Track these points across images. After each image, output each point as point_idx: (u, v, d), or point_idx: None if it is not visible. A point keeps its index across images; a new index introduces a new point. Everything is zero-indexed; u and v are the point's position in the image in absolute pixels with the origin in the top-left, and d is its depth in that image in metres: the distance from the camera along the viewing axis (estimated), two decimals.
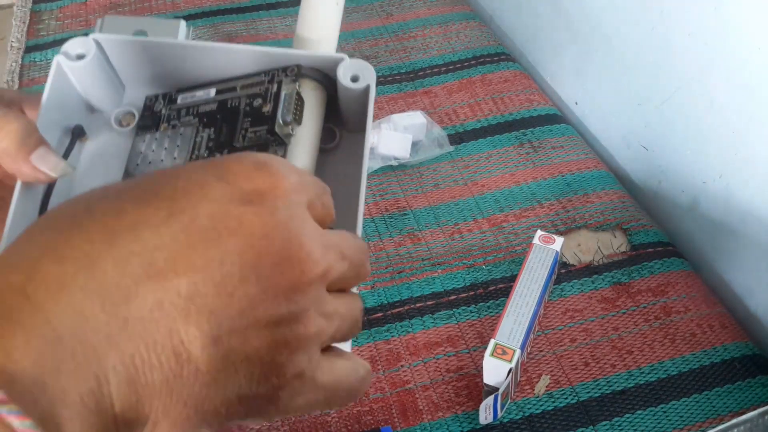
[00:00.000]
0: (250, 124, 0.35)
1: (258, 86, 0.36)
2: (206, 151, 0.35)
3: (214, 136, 0.35)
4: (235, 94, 0.36)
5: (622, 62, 0.61)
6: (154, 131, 0.37)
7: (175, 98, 0.38)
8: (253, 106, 0.35)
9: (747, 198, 0.50)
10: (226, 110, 0.36)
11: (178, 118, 0.37)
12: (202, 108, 0.37)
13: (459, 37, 0.77)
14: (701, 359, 0.48)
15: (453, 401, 0.47)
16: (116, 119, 0.38)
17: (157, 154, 0.36)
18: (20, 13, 0.84)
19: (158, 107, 0.38)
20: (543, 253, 0.49)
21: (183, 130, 0.36)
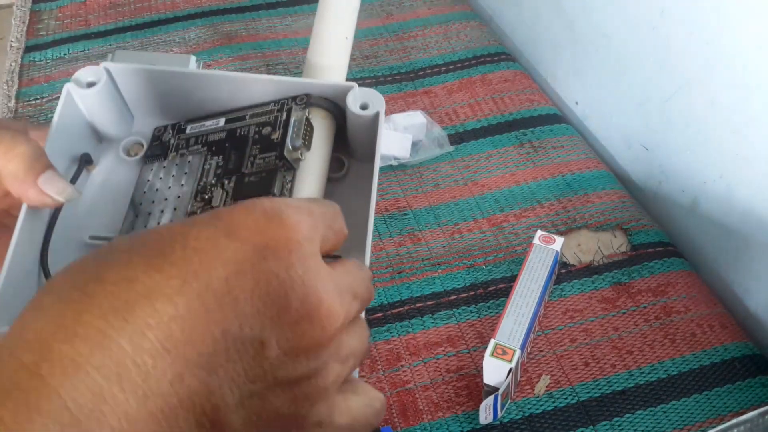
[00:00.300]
0: (258, 150, 0.35)
1: (267, 115, 0.36)
2: (214, 178, 0.35)
3: (222, 163, 0.35)
4: (245, 123, 0.36)
5: (623, 62, 0.61)
6: (162, 160, 0.36)
7: (184, 128, 0.37)
8: (262, 134, 0.35)
9: (747, 198, 0.50)
10: (235, 138, 0.36)
11: (186, 147, 0.37)
12: (211, 137, 0.36)
13: (459, 36, 0.77)
14: (701, 359, 0.48)
15: (453, 401, 0.47)
16: (124, 149, 0.38)
17: (165, 182, 0.36)
18: (20, 12, 0.84)
19: (167, 137, 0.37)
20: (543, 253, 0.49)
21: (191, 158, 0.36)
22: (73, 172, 0.34)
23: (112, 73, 0.36)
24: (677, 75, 0.54)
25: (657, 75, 0.56)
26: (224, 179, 0.35)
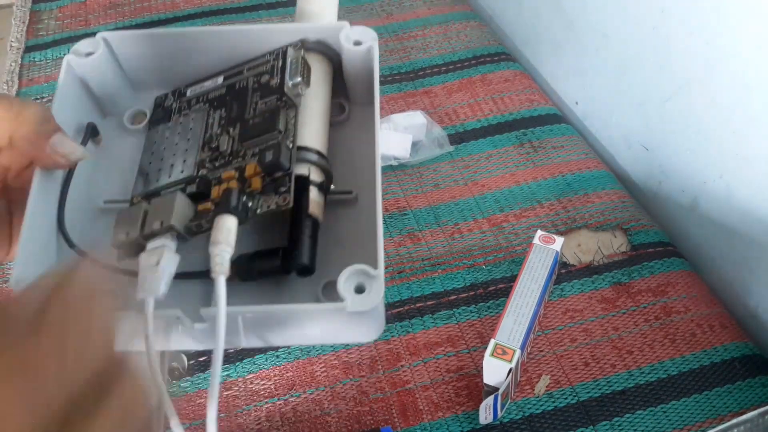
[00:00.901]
0: (259, 97, 0.35)
1: (264, 65, 0.36)
2: (219, 128, 0.35)
3: (225, 114, 0.36)
4: (243, 76, 0.37)
5: (623, 62, 0.61)
6: (167, 122, 0.37)
7: (185, 92, 0.38)
8: (261, 82, 0.36)
9: (747, 198, 0.50)
10: (235, 91, 0.36)
11: (188, 107, 0.37)
12: (212, 94, 0.37)
13: (459, 36, 0.77)
14: (701, 359, 0.48)
15: (453, 401, 0.47)
16: (128, 119, 0.38)
17: (171, 141, 0.36)
18: (20, 12, 0.84)
19: (168, 102, 0.38)
20: (543, 253, 0.49)
21: (194, 116, 0.36)
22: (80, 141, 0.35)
23: (109, 41, 0.37)
24: (677, 75, 0.54)
25: (657, 75, 0.56)
26: (228, 128, 0.35)
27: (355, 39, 0.36)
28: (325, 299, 0.33)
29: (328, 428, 0.46)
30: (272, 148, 0.32)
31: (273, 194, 0.31)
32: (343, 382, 0.48)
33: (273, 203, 0.31)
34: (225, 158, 0.34)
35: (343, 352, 0.49)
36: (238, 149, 0.34)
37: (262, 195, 0.31)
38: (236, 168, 0.33)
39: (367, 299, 0.30)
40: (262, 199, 0.31)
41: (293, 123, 0.34)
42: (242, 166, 0.33)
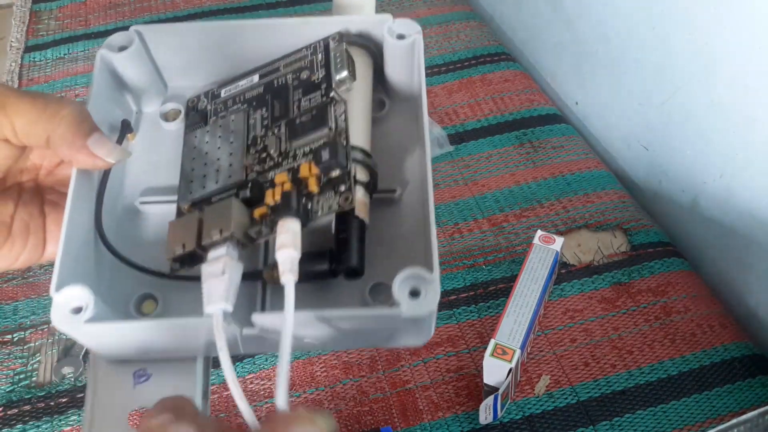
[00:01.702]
0: (302, 94, 0.34)
1: (301, 60, 0.35)
2: (262, 129, 0.34)
3: (267, 113, 0.34)
4: (280, 73, 0.35)
5: (623, 62, 0.61)
6: (203, 126, 0.36)
7: (218, 93, 0.37)
8: (301, 78, 0.34)
9: (747, 198, 0.50)
10: (274, 89, 0.35)
11: (225, 109, 0.36)
12: (249, 93, 0.36)
13: (459, 36, 0.77)
14: (701, 359, 0.48)
15: (453, 401, 0.47)
16: (162, 115, 0.37)
17: (212, 145, 0.35)
18: (20, 12, 0.84)
19: (202, 105, 0.37)
20: (543, 253, 0.49)
21: (234, 117, 0.35)
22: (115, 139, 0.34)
23: (143, 34, 0.35)
24: (677, 75, 0.54)
25: (657, 75, 0.56)
26: (273, 128, 0.34)
27: (398, 32, 0.35)
28: (373, 301, 0.32)
29: None
30: (327, 146, 0.30)
31: (333, 194, 0.30)
32: (343, 382, 0.48)
33: (335, 203, 0.30)
34: (274, 160, 0.33)
35: (343, 352, 0.49)
36: (287, 150, 0.33)
37: (321, 197, 0.30)
38: (288, 170, 0.32)
39: (423, 304, 0.28)
40: (321, 200, 0.30)
41: (343, 119, 0.32)
42: (294, 167, 0.32)
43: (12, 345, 0.51)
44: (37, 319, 0.53)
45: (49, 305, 0.54)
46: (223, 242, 0.29)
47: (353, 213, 0.31)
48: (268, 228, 0.30)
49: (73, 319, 0.28)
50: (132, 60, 0.35)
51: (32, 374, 0.50)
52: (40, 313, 0.53)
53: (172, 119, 0.37)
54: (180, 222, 0.31)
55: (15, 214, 0.33)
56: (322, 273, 0.31)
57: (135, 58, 0.35)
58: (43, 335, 0.52)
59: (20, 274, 0.56)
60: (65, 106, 0.30)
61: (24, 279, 0.55)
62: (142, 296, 0.32)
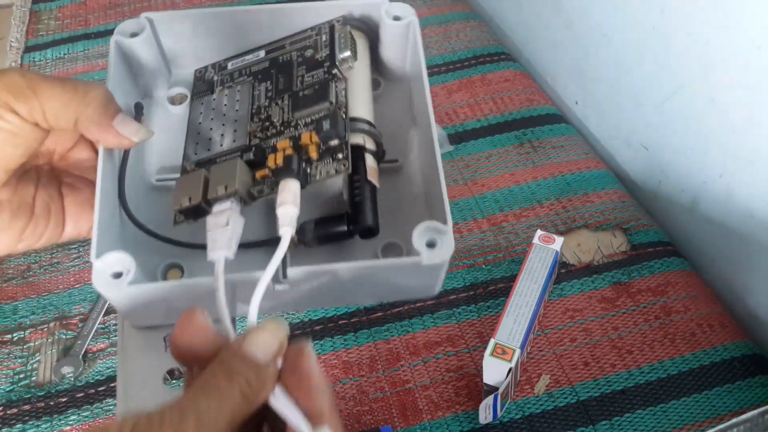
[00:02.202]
0: (305, 70, 0.36)
1: (307, 40, 0.37)
2: (266, 100, 0.36)
3: (272, 86, 0.37)
4: (285, 50, 0.38)
5: (623, 62, 0.61)
6: (210, 94, 0.38)
7: (225, 65, 0.39)
8: (305, 56, 0.37)
9: (747, 198, 0.50)
10: (279, 65, 0.37)
11: (231, 80, 0.38)
12: (255, 67, 0.38)
13: (459, 36, 0.77)
14: (701, 359, 0.48)
15: (453, 401, 0.47)
16: (169, 99, 0.39)
17: (218, 112, 0.37)
18: (19, 12, 0.84)
19: (209, 75, 0.39)
20: (543, 252, 0.49)
21: (240, 87, 0.37)
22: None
23: (153, 21, 0.37)
24: (677, 74, 0.54)
25: (657, 74, 0.56)
26: (277, 99, 0.36)
27: (395, 14, 0.37)
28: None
29: None
30: (328, 117, 0.33)
31: (331, 161, 0.32)
32: (342, 382, 0.48)
33: (332, 169, 0.32)
34: (277, 128, 0.35)
35: (342, 352, 0.49)
36: (290, 120, 0.35)
37: (320, 162, 0.33)
38: (290, 137, 0.34)
39: (440, 252, 0.31)
40: (320, 166, 0.32)
41: (344, 95, 0.35)
42: (296, 135, 0.34)
43: (12, 345, 0.51)
44: (37, 319, 0.53)
45: (48, 305, 0.54)
46: (228, 197, 0.31)
47: (365, 178, 0.34)
48: (269, 188, 0.32)
49: (115, 283, 0.30)
50: (143, 46, 0.37)
51: (32, 374, 0.50)
52: (40, 313, 0.53)
53: (178, 103, 0.39)
54: (187, 178, 0.33)
55: (36, 196, 0.34)
56: (340, 234, 0.34)
57: (146, 44, 0.37)
58: (43, 335, 0.52)
59: (20, 273, 0.56)
60: (93, 89, 0.32)
61: (24, 279, 0.55)
62: (167, 266, 0.35)
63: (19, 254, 0.57)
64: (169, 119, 0.39)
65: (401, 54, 0.39)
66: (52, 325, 0.52)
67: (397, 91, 0.39)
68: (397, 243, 0.35)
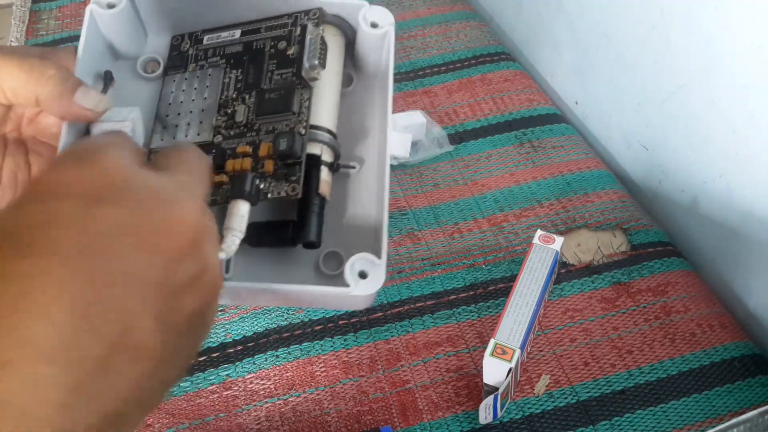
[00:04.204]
0: (275, 66, 0.36)
1: (282, 28, 0.37)
2: (234, 92, 0.37)
3: (242, 77, 0.37)
4: (260, 36, 0.38)
5: (623, 61, 0.61)
6: (183, 71, 0.38)
7: (201, 38, 0.39)
8: (277, 48, 0.37)
9: (747, 198, 0.50)
10: (252, 51, 0.37)
11: (205, 58, 0.38)
12: (228, 49, 0.38)
13: (459, 36, 0.77)
14: (701, 359, 0.48)
15: (453, 401, 0.47)
16: (141, 66, 0.39)
17: (188, 95, 0.37)
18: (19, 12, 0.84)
19: (185, 47, 0.39)
20: (543, 252, 0.49)
21: (211, 71, 0.38)
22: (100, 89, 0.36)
23: None
24: (677, 74, 0.54)
25: (657, 74, 0.56)
26: (245, 94, 0.36)
27: (372, 20, 0.37)
28: (325, 268, 0.36)
29: (327, 428, 0.46)
30: (286, 135, 0.34)
31: (284, 182, 0.33)
32: (342, 382, 0.48)
33: (283, 191, 0.33)
34: (240, 129, 0.36)
35: (342, 352, 0.49)
36: (253, 122, 0.35)
37: (274, 179, 0.34)
38: (249, 143, 0.35)
39: (369, 284, 0.33)
40: (273, 183, 0.34)
41: (307, 105, 0.35)
42: (256, 142, 0.35)
43: None
44: None
45: None
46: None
47: (316, 191, 0.35)
48: (222, 198, 0.33)
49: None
50: (120, 16, 0.37)
51: None
52: None
53: (150, 71, 0.39)
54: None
55: (3, 165, 0.34)
56: (283, 241, 0.36)
57: (123, 15, 0.37)
58: None
59: None
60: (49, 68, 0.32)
61: None
62: None
63: None
64: (140, 85, 0.39)
65: (377, 59, 0.39)
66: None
67: (370, 88, 0.40)
68: (338, 252, 0.37)
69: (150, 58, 0.39)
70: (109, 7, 0.36)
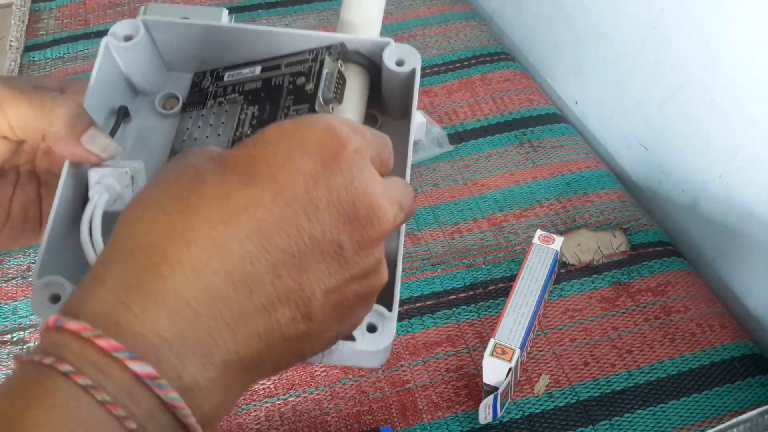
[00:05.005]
0: (292, 102, 0.35)
1: (302, 64, 0.36)
2: (249, 129, 0.36)
3: (258, 113, 0.36)
4: (280, 72, 0.37)
5: (623, 61, 0.61)
6: (201, 108, 0.37)
7: (222, 75, 0.38)
8: (296, 84, 0.36)
9: (747, 198, 0.50)
10: (271, 88, 0.36)
11: (224, 95, 0.37)
12: (248, 85, 0.37)
13: (459, 36, 0.77)
14: (701, 359, 0.48)
15: (453, 401, 0.47)
16: (160, 102, 0.38)
17: (203, 131, 0.36)
18: (19, 12, 0.84)
19: (206, 84, 0.38)
20: (543, 252, 0.49)
21: (228, 107, 0.37)
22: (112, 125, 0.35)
23: (149, 26, 0.36)
24: (677, 74, 0.54)
25: (657, 74, 0.56)
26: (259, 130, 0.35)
27: (397, 58, 0.36)
28: None
29: (327, 428, 0.46)
30: None
31: None
32: (342, 382, 0.48)
33: None
34: None
35: None
36: None
37: None
38: None
39: (378, 339, 0.31)
40: None
41: None
42: None
43: (11, 344, 0.51)
44: (37, 319, 0.53)
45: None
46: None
47: None
48: None
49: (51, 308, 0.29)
50: (136, 51, 0.36)
51: None
52: None
53: (169, 108, 0.38)
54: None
55: (13, 198, 0.34)
56: None
57: (138, 49, 0.36)
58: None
59: (20, 273, 0.56)
60: (60, 104, 0.31)
61: (23, 279, 0.55)
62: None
63: (19, 254, 0.57)
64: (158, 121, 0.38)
65: (403, 98, 0.37)
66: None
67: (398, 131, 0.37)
68: None
69: (169, 94, 0.38)
70: (126, 39, 0.35)
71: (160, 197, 0.23)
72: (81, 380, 0.20)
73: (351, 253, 0.25)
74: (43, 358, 0.20)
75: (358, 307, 0.26)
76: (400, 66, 0.36)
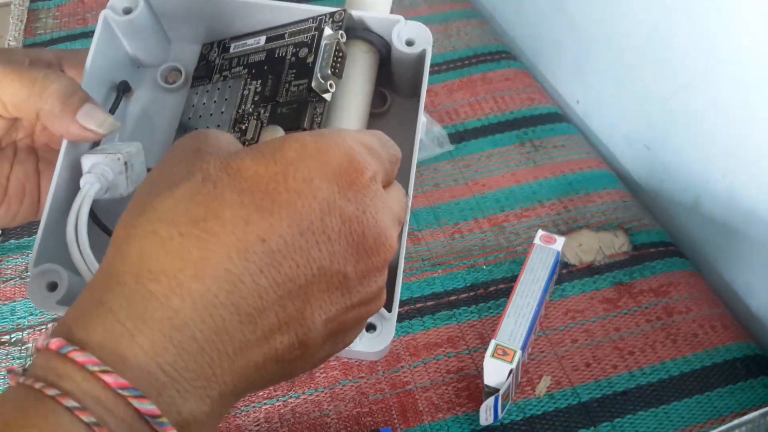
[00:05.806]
0: (294, 76, 0.34)
1: (304, 33, 0.35)
2: (252, 106, 0.35)
3: (260, 89, 0.35)
4: (283, 42, 0.36)
5: (625, 61, 0.60)
6: (207, 83, 0.37)
7: (229, 46, 0.37)
8: (298, 56, 0.35)
9: (750, 198, 0.49)
10: (274, 60, 0.36)
11: (229, 68, 0.37)
12: (252, 57, 0.37)
13: (459, 35, 0.77)
14: (703, 360, 0.48)
15: (453, 402, 0.47)
16: (162, 76, 0.37)
17: (208, 108, 0.36)
18: (17, 11, 0.84)
19: (212, 56, 0.38)
20: (544, 253, 0.49)
21: (232, 82, 0.36)
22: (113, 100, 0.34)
23: None
24: (679, 74, 0.53)
25: (659, 74, 0.56)
26: (260, 108, 0.35)
27: (407, 38, 0.34)
28: None
29: (327, 429, 0.45)
30: None
31: None
32: (342, 383, 0.48)
33: None
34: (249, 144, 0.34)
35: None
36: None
37: None
38: None
39: (377, 340, 0.31)
40: None
41: (319, 121, 0.33)
42: None
43: (9, 345, 0.51)
44: (35, 320, 0.53)
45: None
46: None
47: None
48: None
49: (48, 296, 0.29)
50: (136, 23, 0.35)
51: None
52: (38, 314, 0.53)
53: (171, 81, 0.37)
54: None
55: (11, 174, 0.33)
56: None
57: (138, 22, 0.35)
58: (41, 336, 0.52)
59: (18, 274, 0.56)
60: (53, 81, 0.31)
61: (21, 279, 0.55)
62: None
63: (17, 255, 0.57)
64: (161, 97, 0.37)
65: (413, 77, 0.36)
66: (50, 326, 0.52)
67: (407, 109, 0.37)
68: None
69: (171, 67, 0.37)
70: (126, 12, 0.34)
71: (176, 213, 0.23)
72: (85, 417, 0.20)
73: (355, 283, 0.25)
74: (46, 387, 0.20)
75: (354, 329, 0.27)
76: (410, 46, 0.34)
